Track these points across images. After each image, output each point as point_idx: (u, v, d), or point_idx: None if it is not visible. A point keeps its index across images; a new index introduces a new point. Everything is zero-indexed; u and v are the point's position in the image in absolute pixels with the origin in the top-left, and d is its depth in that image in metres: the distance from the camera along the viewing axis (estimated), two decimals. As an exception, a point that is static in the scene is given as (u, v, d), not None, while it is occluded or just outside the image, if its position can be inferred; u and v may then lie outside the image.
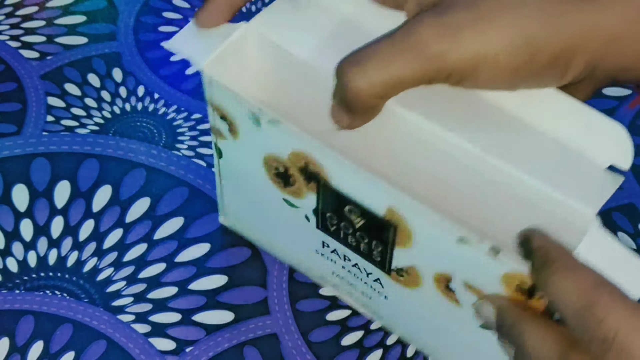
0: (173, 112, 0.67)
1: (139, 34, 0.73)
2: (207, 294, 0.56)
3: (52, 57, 0.70)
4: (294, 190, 0.45)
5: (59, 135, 0.64)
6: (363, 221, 0.43)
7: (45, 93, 0.67)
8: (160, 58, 0.71)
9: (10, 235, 0.58)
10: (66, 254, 0.57)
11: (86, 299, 0.55)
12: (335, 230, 0.45)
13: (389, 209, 0.40)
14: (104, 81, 0.68)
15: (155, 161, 0.63)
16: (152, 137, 0.64)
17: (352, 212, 0.43)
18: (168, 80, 0.69)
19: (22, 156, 0.62)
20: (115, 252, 0.58)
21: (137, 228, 0.59)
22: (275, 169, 0.45)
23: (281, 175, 0.44)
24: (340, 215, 0.43)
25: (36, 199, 0.60)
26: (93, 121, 0.65)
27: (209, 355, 0.53)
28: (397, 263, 0.44)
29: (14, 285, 0.56)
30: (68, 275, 0.56)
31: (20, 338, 0.53)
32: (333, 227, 0.45)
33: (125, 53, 0.71)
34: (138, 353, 0.53)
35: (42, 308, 0.55)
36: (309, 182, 0.43)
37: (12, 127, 0.64)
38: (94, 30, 0.72)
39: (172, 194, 0.61)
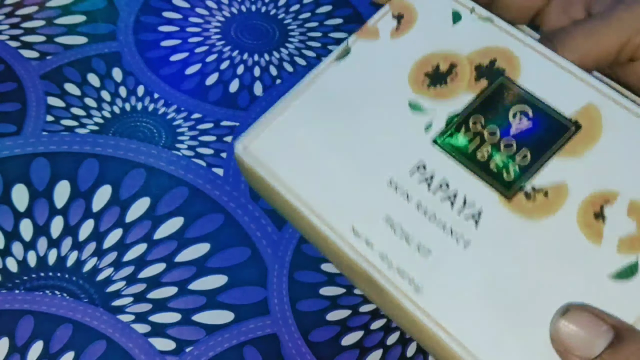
0: (173, 112, 0.67)
1: (138, 33, 0.73)
2: (207, 294, 0.56)
3: (52, 57, 0.70)
4: (442, 90, 0.43)
5: (59, 135, 0.64)
6: (529, 124, 0.41)
7: (45, 93, 0.67)
8: (160, 58, 0.71)
9: (10, 235, 0.58)
10: (66, 254, 0.57)
11: (86, 299, 0.55)
12: (464, 141, 0.42)
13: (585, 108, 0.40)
14: (104, 81, 0.68)
15: (155, 161, 0.63)
16: (152, 137, 0.64)
17: (518, 113, 0.41)
18: (168, 80, 0.69)
19: (21, 156, 0.62)
20: (115, 252, 0.58)
21: (137, 228, 0.59)
22: (434, 66, 0.44)
23: (434, 75, 0.44)
24: (496, 117, 0.41)
25: (36, 199, 0.60)
26: (93, 121, 0.65)
27: (208, 355, 0.53)
28: (541, 180, 0.40)
29: (13, 285, 0.56)
30: (68, 275, 0.56)
31: (20, 338, 0.53)
32: (466, 136, 0.42)
33: (125, 53, 0.71)
34: (138, 353, 0.53)
35: (42, 308, 0.55)
36: (478, 80, 0.42)
37: (11, 127, 0.64)
38: (94, 30, 0.72)
39: (172, 194, 0.61)
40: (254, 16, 0.76)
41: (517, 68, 0.42)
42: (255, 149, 0.43)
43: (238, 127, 0.66)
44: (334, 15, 0.77)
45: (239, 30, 0.75)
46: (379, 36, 0.46)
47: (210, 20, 0.75)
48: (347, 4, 0.78)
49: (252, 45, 0.73)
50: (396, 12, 0.46)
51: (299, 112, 0.44)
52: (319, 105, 0.44)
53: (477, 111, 0.42)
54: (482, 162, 0.41)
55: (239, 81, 0.70)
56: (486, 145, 0.41)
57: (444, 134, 0.42)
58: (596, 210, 0.37)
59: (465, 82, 0.43)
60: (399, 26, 0.45)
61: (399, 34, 0.45)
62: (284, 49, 0.73)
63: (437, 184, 0.41)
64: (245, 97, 0.69)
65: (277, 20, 0.76)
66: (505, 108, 0.41)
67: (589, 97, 0.40)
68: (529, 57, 0.42)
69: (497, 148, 0.41)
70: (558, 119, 0.40)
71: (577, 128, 0.40)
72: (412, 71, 0.44)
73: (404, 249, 0.40)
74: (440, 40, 0.44)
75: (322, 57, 0.73)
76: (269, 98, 0.69)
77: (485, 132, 0.41)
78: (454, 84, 0.43)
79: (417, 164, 0.42)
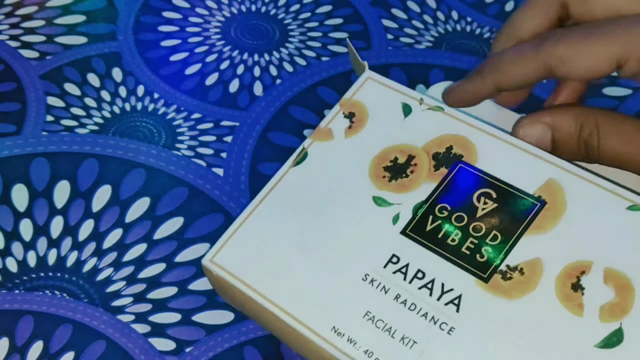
0: (173, 112, 0.67)
1: (138, 33, 0.73)
2: (207, 294, 0.56)
3: (51, 56, 0.70)
4: (403, 182, 0.43)
5: (59, 135, 0.64)
6: (494, 206, 0.41)
7: (45, 93, 0.67)
8: (160, 58, 0.71)
9: (10, 235, 0.58)
10: (66, 254, 0.57)
11: (86, 299, 0.55)
12: (433, 229, 0.42)
13: (546, 183, 0.40)
14: (104, 81, 0.68)
15: (155, 161, 0.63)
16: (152, 137, 0.64)
17: (482, 197, 0.41)
18: (168, 80, 0.69)
19: (21, 156, 0.62)
20: (115, 252, 0.58)
21: (136, 228, 0.59)
22: (392, 160, 0.44)
23: (394, 168, 0.44)
24: (461, 203, 0.42)
25: (36, 199, 0.60)
26: (93, 121, 0.65)
27: (208, 356, 0.53)
28: (514, 259, 0.40)
29: (13, 285, 0.56)
30: (68, 276, 0.56)
31: (20, 338, 0.53)
32: (434, 225, 0.42)
33: (125, 53, 0.71)
34: (138, 353, 0.53)
35: (42, 308, 0.55)
36: (437, 169, 0.43)
37: (11, 127, 0.64)
38: (94, 30, 0.72)
39: (172, 194, 0.61)
40: (254, 16, 0.76)
41: (474, 153, 0.43)
42: (223, 259, 0.43)
43: (238, 127, 0.66)
44: (334, 15, 0.77)
45: (239, 30, 0.75)
46: (334, 137, 0.46)
47: (210, 20, 0.75)
48: (347, 4, 0.78)
49: (252, 45, 0.73)
50: (347, 111, 0.46)
51: (263, 218, 0.44)
52: (282, 209, 0.44)
53: (441, 199, 0.42)
54: (454, 247, 0.41)
55: (239, 81, 0.70)
56: (455, 231, 0.41)
57: (412, 224, 0.42)
58: (573, 282, 0.37)
59: (425, 172, 0.43)
60: (352, 124, 0.46)
61: (352, 132, 0.46)
62: (284, 49, 0.73)
63: (412, 274, 0.41)
64: (245, 97, 0.69)
65: (277, 20, 0.76)
66: (468, 193, 0.42)
67: (549, 173, 0.40)
68: (484, 141, 0.43)
69: (466, 232, 0.41)
70: (522, 197, 0.41)
71: (542, 204, 0.40)
72: (371, 167, 0.44)
73: (389, 343, 0.39)
74: (395, 135, 0.45)
75: (322, 57, 0.73)
76: (269, 98, 0.69)
77: (453, 218, 0.41)
78: (415, 174, 0.43)
79: (390, 256, 0.41)
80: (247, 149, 0.64)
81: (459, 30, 0.77)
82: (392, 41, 0.75)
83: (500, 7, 0.79)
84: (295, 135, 0.66)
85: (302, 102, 0.69)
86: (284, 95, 0.69)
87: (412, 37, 0.75)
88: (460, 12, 0.79)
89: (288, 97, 0.69)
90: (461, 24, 0.77)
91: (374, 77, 0.47)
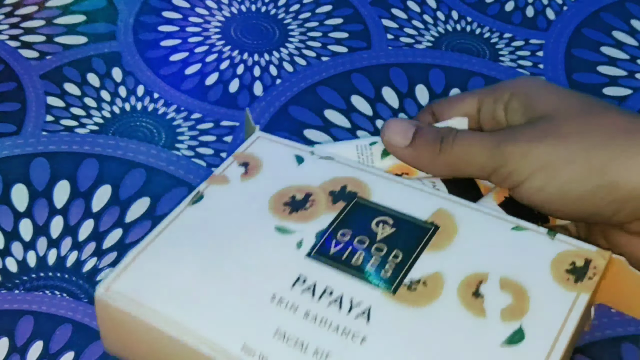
0: (173, 112, 0.67)
1: (138, 33, 0.73)
2: (207, 294, 0.56)
3: (51, 56, 0.70)
4: (304, 214, 0.45)
5: (59, 135, 0.64)
6: (392, 230, 0.44)
7: (45, 93, 0.67)
8: (160, 58, 0.71)
9: (10, 235, 0.58)
10: (66, 253, 0.57)
11: (86, 299, 0.55)
12: (337, 251, 0.44)
13: (437, 212, 0.44)
14: (104, 81, 0.68)
15: (154, 161, 0.63)
16: (152, 137, 0.64)
17: (380, 223, 0.44)
18: (168, 80, 0.69)
19: (21, 156, 0.62)
20: (115, 252, 0.58)
21: (136, 228, 0.59)
22: (290, 197, 0.46)
23: (293, 203, 0.46)
24: (361, 229, 0.44)
25: (36, 198, 0.60)
26: (92, 121, 0.65)
27: (208, 356, 0.53)
28: (416, 273, 0.42)
29: (13, 285, 0.56)
30: (67, 275, 0.56)
31: (20, 338, 0.53)
32: (337, 247, 0.44)
33: (125, 53, 0.71)
34: (138, 353, 0.53)
35: (42, 308, 0.55)
36: (335, 202, 0.45)
37: (11, 126, 0.64)
38: (94, 30, 0.72)
39: (172, 194, 0.61)
40: (254, 16, 0.76)
41: (367, 191, 0.46)
42: (120, 288, 0.42)
43: (238, 127, 0.66)
44: (334, 15, 0.77)
45: (238, 30, 0.75)
46: (229, 181, 0.47)
47: (210, 20, 0.75)
48: (347, 4, 0.78)
49: (252, 45, 0.73)
50: (241, 162, 0.48)
51: (162, 248, 0.44)
52: (182, 240, 0.44)
53: (342, 225, 0.44)
54: (359, 265, 0.42)
55: (238, 81, 0.70)
56: (359, 252, 0.43)
57: (316, 247, 0.43)
58: (474, 290, 0.40)
59: (324, 206, 0.45)
60: (247, 171, 0.47)
61: (248, 177, 0.47)
62: (284, 49, 0.73)
63: (320, 291, 0.42)
64: (245, 97, 0.69)
65: (277, 20, 0.76)
66: (367, 220, 0.44)
67: (439, 204, 0.44)
68: (375, 181, 0.46)
69: (369, 252, 0.43)
70: (417, 223, 0.44)
71: (436, 228, 0.43)
72: (270, 203, 0.46)
73: (302, 357, 0.40)
74: (290, 177, 0.47)
75: (322, 56, 0.73)
76: (269, 98, 0.69)
77: (355, 240, 0.43)
78: (314, 207, 0.45)
79: (297, 277, 0.42)
80: (247, 149, 0.64)
81: (459, 30, 0.77)
82: (392, 41, 0.75)
83: (500, 6, 0.79)
84: (295, 135, 0.66)
85: (302, 102, 0.69)
86: (284, 95, 0.69)
87: (412, 37, 0.75)
88: (460, 12, 0.79)
89: (288, 97, 0.69)
90: (461, 24, 0.77)
91: (264, 136, 0.49)
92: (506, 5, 0.80)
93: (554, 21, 0.78)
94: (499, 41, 0.76)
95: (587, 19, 0.78)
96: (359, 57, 0.73)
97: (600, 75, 0.72)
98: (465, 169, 0.43)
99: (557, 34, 0.77)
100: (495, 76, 0.72)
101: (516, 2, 0.80)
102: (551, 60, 0.74)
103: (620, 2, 0.80)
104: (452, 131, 0.43)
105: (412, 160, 0.44)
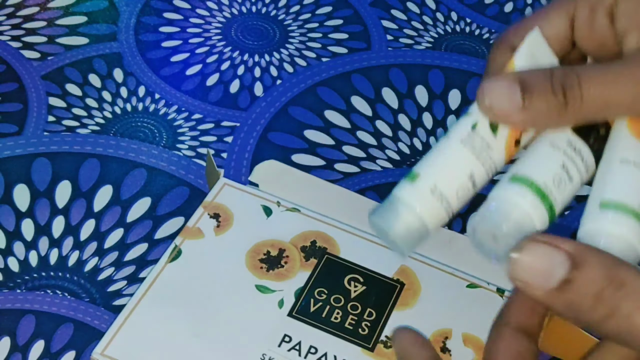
0: (174, 113, 0.67)
1: (139, 34, 0.73)
2: (208, 293, 0.56)
3: (53, 57, 0.70)
4: (281, 272, 0.48)
5: (60, 135, 0.64)
6: (363, 288, 0.48)
7: (47, 93, 0.67)
8: (161, 58, 0.71)
9: (12, 234, 0.58)
10: (67, 253, 0.58)
11: (87, 298, 0.56)
12: (316, 310, 0.47)
13: (401, 269, 0.48)
14: (105, 81, 0.69)
15: (156, 161, 0.63)
16: (153, 137, 0.65)
17: (352, 281, 0.48)
18: (169, 80, 0.69)
19: (23, 156, 0.63)
20: (116, 252, 0.58)
21: (137, 228, 0.59)
22: (265, 253, 0.49)
23: (269, 260, 0.49)
24: (335, 287, 0.48)
25: (37, 198, 0.60)
26: (94, 121, 0.65)
27: (209, 355, 0.53)
28: (390, 331, 0.46)
29: (15, 284, 0.56)
30: (69, 275, 0.57)
31: (22, 337, 0.53)
32: (316, 306, 0.47)
33: (126, 53, 0.71)
34: (139, 352, 0.53)
35: (43, 307, 0.55)
36: (308, 259, 0.49)
37: (13, 127, 0.64)
38: (95, 31, 0.72)
39: (173, 194, 0.61)
40: (254, 17, 0.76)
41: (335, 246, 0.49)
42: (113, 353, 0.44)
43: (238, 127, 0.66)
44: (334, 16, 0.77)
45: (239, 31, 0.75)
46: (204, 235, 0.50)
47: (211, 21, 0.76)
48: (347, 5, 0.79)
49: (252, 45, 0.74)
50: (212, 212, 0.50)
51: (148, 311, 0.46)
52: (166, 301, 0.47)
53: (318, 284, 0.48)
54: (338, 323, 0.46)
55: (239, 82, 0.70)
56: (336, 310, 0.47)
57: (297, 307, 0.47)
58: (441, 346, 0.45)
59: (298, 263, 0.49)
60: (219, 224, 0.50)
61: (221, 231, 0.50)
62: (284, 50, 0.73)
63: (306, 350, 0.45)
64: (245, 97, 0.69)
65: (277, 21, 0.76)
66: (339, 278, 0.48)
67: (400, 261, 0.48)
68: (340, 235, 0.50)
69: (345, 311, 0.47)
70: (384, 280, 0.48)
71: (402, 285, 0.48)
72: (247, 260, 0.49)
73: None
74: (262, 232, 0.50)
75: (322, 57, 0.73)
76: (270, 98, 0.69)
77: (332, 299, 0.47)
78: (289, 265, 0.49)
79: (283, 336, 0.46)
80: (247, 149, 0.65)
81: (458, 31, 0.77)
82: (392, 42, 0.75)
83: (499, 7, 0.80)
84: (295, 136, 0.66)
85: (302, 103, 0.69)
86: (284, 95, 0.69)
87: (412, 37, 0.76)
88: (459, 13, 0.79)
89: (288, 98, 0.69)
90: (460, 25, 0.77)
91: (229, 183, 0.52)
92: (505, 6, 0.80)
93: (553, 22, 0.78)
94: (499, 42, 0.76)
95: (586, 20, 0.78)
96: (359, 58, 0.73)
97: (599, 76, 0.72)
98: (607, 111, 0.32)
99: (556, 35, 0.77)
100: (495, 77, 0.72)
101: (515, 3, 0.80)
102: (550, 61, 0.74)
103: (619, 3, 0.80)
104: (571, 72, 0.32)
105: (534, 124, 0.32)
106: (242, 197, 0.51)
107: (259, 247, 0.49)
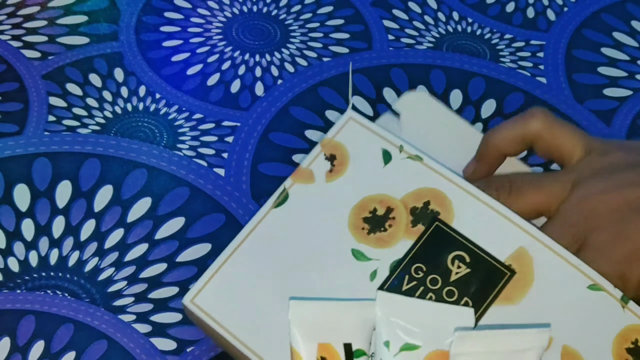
0: (174, 112, 0.67)
1: (140, 34, 0.73)
2: (208, 294, 0.56)
3: (53, 57, 0.70)
4: (383, 237, 0.44)
5: (61, 135, 0.64)
6: (467, 271, 0.42)
7: (47, 93, 0.67)
8: (162, 58, 0.71)
9: (12, 235, 0.58)
10: (67, 253, 0.58)
11: (87, 298, 0.55)
12: (408, 289, 0.43)
13: (517, 252, 0.42)
14: (106, 81, 0.68)
15: (156, 161, 0.63)
16: (154, 137, 0.65)
17: (456, 260, 0.43)
18: (169, 80, 0.69)
19: (23, 156, 0.62)
20: (116, 252, 0.58)
21: (138, 228, 0.59)
22: (371, 211, 0.45)
23: (373, 220, 0.45)
24: (436, 265, 0.43)
25: (37, 198, 0.60)
26: (94, 121, 0.65)
27: (209, 355, 0.53)
28: None
29: (15, 285, 0.56)
30: (69, 275, 0.57)
31: (22, 338, 0.53)
32: (409, 285, 0.43)
33: (127, 53, 0.71)
34: (139, 353, 0.53)
35: (43, 308, 0.55)
36: (415, 224, 0.44)
37: (13, 126, 0.64)
38: (96, 30, 0.72)
39: (173, 194, 0.61)
40: (255, 16, 0.76)
41: (450, 211, 0.44)
42: (201, 301, 0.45)
43: (239, 127, 0.66)
44: (335, 16, 0.77)
45: (240, 31, 0.75)
46: (314, 179, 0.47)
47: (212, 20, 0.76)
48: (349, 5, 0.78)
49: (253, 45, 0.74)
50: (328, 153, 0.47)
51: (242, 263, 0.45)
52: (261, 256, 0.45)
53: (417, 259, 0.43)
54: None
55: (240, 81, 0.70)
56: (430, 294, 0.43)
57: (388, 282, 0.43)
58: None
59: (403, 228, 0.44)
60: (333, 168, 0.47)
61: (333, 177, 0.46)
62: (285, 50, 0.73)
63: None
64: (246, 97, 0.69)
65: (278, 20, 0.76)
66: (443, 255, 0.43)
67: (520, 241, 0.42)
68: (460, 198, 0.44)
69: (440, 297, 0.42)
70: (494, 264, 0.42)
71: (512, 274, 0.42)
72: (351, 217, 0.45)
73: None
74: (374, 183, 0.45)
75: (323, 57, 0.73)
76: (270, 98, 0.69)
77: (428, 280, 0.43)
78: (393, 229, 0.44)
79: None
80: (248, 149, 0.65)
81: (460, 31, 0.77)
82: (393, 42, 0.75)
83: (500, 7, 0.80)
84: (296, 136, 0.66)
85: (303, 103, 0.69)
86: (285, 95, 0.69)
87: (413, 37, 0.76)
88: (461, 12, 0.79)
89: (289, 98, 0.69)
90: (462, 25, 0.77)
91: (355, 118, 0.47)
92: (507, 6, 0.80)
93: (554, 22, 0.78)
94: (500, 42, 0.76)
95: (588, 19, 0.78)
96: (360, 58, 0.73)
97: (601, 76, 0.72)
98: None
99: (558, 35, 0.77)
100: (496, 77, 0.72)
101: (517, 3, 0.80)
102: (551, 61, 0.74)
103: (621, 3, 0.80)
104: None
105: None
106: (365, 136, 0.47)
107: (367, 202, 0.45)
